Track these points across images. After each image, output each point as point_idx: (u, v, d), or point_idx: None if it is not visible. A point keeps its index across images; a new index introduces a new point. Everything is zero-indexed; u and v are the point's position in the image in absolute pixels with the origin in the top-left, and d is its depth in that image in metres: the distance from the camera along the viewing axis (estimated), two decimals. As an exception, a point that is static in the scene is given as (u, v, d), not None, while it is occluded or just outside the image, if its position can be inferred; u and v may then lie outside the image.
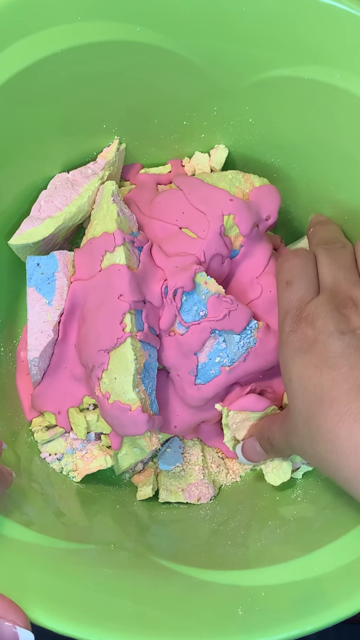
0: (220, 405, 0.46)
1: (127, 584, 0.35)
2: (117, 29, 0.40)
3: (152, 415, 0.44)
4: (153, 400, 0.45)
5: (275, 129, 0.46)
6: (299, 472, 0.46)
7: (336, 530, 0.36)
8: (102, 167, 0.47)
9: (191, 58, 0.41)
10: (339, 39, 0.38)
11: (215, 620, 0.33)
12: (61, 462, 0.47)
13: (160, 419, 0.45)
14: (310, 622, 0.32)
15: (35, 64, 0.40)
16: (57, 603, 0.32)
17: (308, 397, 0.36)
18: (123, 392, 0.43)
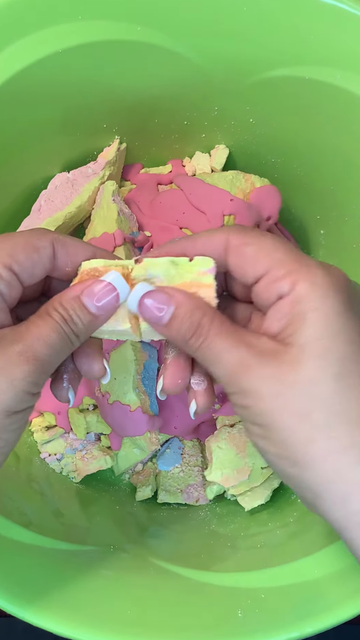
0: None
1: (126, 586, 0.35)
2: (117, 29, 0.40)
3: (152, 416, 0.44)
4: (153, 400, 0.45)
5: (276, 129, 0.45)
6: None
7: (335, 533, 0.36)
8: (103, 167, 0.47)
9: (192, 58, 0.41)
10: (339, 38, 0.38)
11: (215, 622, 0.33)
12: (61, 462, 0.47)
13: (160, 419, 0.45)
14: (310, 625, 0.32)
15: (35, 63, 0.40)
16: (57, 605, 0.32)
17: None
18: (123, 392, 0.43)
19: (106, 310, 0.29)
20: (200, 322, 0.29)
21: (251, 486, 0.44)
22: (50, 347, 0.29)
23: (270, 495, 0.44)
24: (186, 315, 0.29)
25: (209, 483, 0.46)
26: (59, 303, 0.29)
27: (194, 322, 0.29)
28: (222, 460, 0.44)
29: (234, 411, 0.30)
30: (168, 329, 0.29)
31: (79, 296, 0.29)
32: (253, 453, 0.44)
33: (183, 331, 0.29)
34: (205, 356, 0.29)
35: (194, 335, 0.29)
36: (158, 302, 0.29)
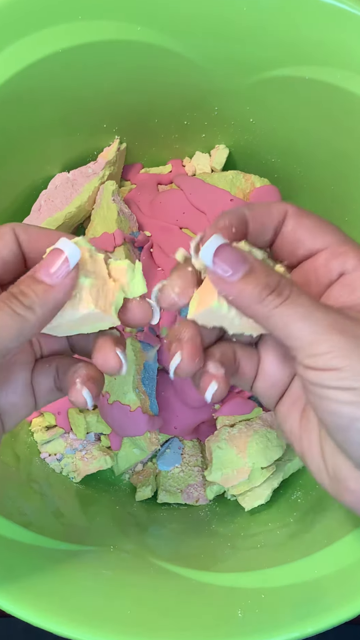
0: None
1: (126, 586, 0.35)
2: (117, 28, 0.39)
3: (152, 416, 0.44)
4: (153, 400, 0.45)
5: (276, 128, 0.45)
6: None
7: (336, 533, 0.36)
8: (103, 167, 0.47)
9: (192, 58, 0.41)
10: (339, 38, 0.38)
11: (215, 622, 0.33)
12: (61, 462, 0.47)
13: (160, 419, 0.45)
14: (310, 625, 0.32)
15: (35, 63, 0.39)
16: (57, 605, 0.32)
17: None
18: (123, 392, 0.43)
19: (59, 277, 0.27)
20: (280, 281, 0.27)
21: (251, 486, 0.44)
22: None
23: (270, 496, 0.44)
24: (263, 273, 0.27)
25: (209, 483, 0.46)
26: (11, 285, 0.28)
27: (274, 280, 0.27)
28: (222, 460, 0.44)
29: (311, 380, 0.27)
30: (243, 284, 0.27)
31: (31, 274, 0.28)
32: (253, 453, 0.44)
33: (261, 286, 0.27)
34: (288, 315, 0.26)
35: (274, 291, 0.27)
36: (233, 258, 0.27)
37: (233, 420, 0.46)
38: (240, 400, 0.46)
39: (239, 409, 0.46)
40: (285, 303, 0.26)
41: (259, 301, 0.27)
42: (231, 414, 0.46)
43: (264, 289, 0.27)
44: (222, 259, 0.27)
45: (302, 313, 0.26)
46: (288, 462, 0.45)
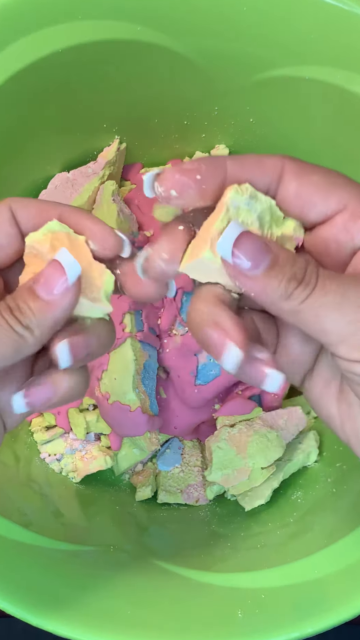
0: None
1: (126, 586, 0.34)
2: (117, 28, 0.39)
3: (152, 416, 0.44)
4: (153, 400, 0.45)
5: (276, 128, 0.45)
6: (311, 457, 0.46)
7: (336, 533, 0.36)
8: (103, 167, 0.47)
9: (192, 57, 0.41)
10: (340, 38, 0.38)
11: (215, 622, 0.33)
12: (61, 462, 0.47)
13: (160, 419, 0.45)
14: (310, 625, 0.32)
15: (35, 62, 0.39)
16: (56, 605, 0.32)
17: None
18: (123, 392, 0.43)
19: (58, 293, 0.25)
20: (307, 268, 0.23)
21: (251, 486, 0.44)
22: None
23: (270, 496, 0.44)
24: (288, 263, 0.23)
25: (209, 483, 0.46)
26: (9, 297, 0.26)
27: (299, 268, 0.23)
28: (222, 460, 0.44)
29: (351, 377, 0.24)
30: (266, 279, 0.23)
31: (30, 286, 0.25)
32: (253, 453, 0.44)
33: (285, 281, 0.23)
34: (319, 305, 0.23)
35: (300, 284, 0.23)
36: (254, 248, 0.23)
37: (233, 420, 0.46)
38: (240, 400, 0.46)
39: (239, 409, 0.46)
40: (313, 294, 0.23)
41: (285, 297, 0.23)
42: (231, 414, 0.46)
43: (290, 282, 0.23)
44: (241, 250, 0.23)
45: (334, 301, 0.23)
46: (288, 462, 0.45)
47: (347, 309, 0.23)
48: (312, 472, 0.45)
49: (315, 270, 0.23)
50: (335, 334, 0.23)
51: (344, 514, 0.38)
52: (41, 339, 0.25)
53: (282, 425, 0.45)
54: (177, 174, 0.24)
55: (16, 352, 0.25)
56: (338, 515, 0.39)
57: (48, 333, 0.25)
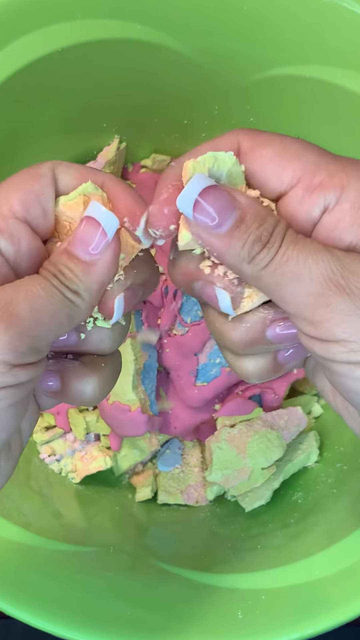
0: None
1: (126, 587, 0.34)
2: (117, 27, 0.39)
3: (152, 416, 0.44)
4: (153, 401, 0.45)
5: (276, 128, 0.45)
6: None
7: (337, 534, 0.35)
8: (102, 166, 0.47)
9: (192, 56, 0.41)
10: (340, 37, 0.38)
11: (215, 623, 0.33)
12: (60, 463, 0.47)
13: (160, 419, 0.45)
14: (311, 626, 0.32)
15: (34, 62, 0.39)
16: (56, 606, 0.32)
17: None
18: (122, 392, 0.43)
19: (99, 252, 0.23)
20: (274, 230, 0.22)
21: (251, 487, 0.44)
22: (34, 302, 0.22)
23: (270, 496, 0.44)
24: (255, 222, 0.22)
25: (209, 484, 0.46)
26: (48, 262, 0.24)
27: (266, 230, 0.22)
28: (223, 460, 0.44)
29: (317, 354, 0.22)
30: (228, 239, 0.22)
31: (66, 248, 0.24)
32: (253, 454, 0.44)
33: (250, 242, 0.22)
34: (279, 273, 0.22)
35: (264, 247, 0.22)
36: (220, 204, 0.22)
37: (233, 420, 0.46)
38: (240, 400, 0.46)
39: (239, 409, 0.45)
40: (274, 260, 0.22)
41: (248, 260, 0.22)
42: (231, 414, 0.45)
43: (254, 244, 0.22)
44: (204, 206, 0.22)
45: (294, 271, 0.21)
46: (288, 462, 0.45)
47: (306, 279, 0.21)
48: (312, 473, 0.45)
49: (282, 233, 0.22)
50: (293, 305, 0.22)
51: (344, 514, 0.38)
52: (91, 303, 0.24)
53: (282, 425, 0.45)
54: (163, 208, 0.24)
55: (70, 320, 0.23)
56: (338, 516, 0.39)
57: (97, 297, 0.24)
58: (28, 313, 0.22)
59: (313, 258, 0.22)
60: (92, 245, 0.23)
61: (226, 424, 0.46)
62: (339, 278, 0.21)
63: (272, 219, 0.22)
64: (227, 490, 0.45)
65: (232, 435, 0.44)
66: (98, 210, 0.23)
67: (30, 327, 0.22)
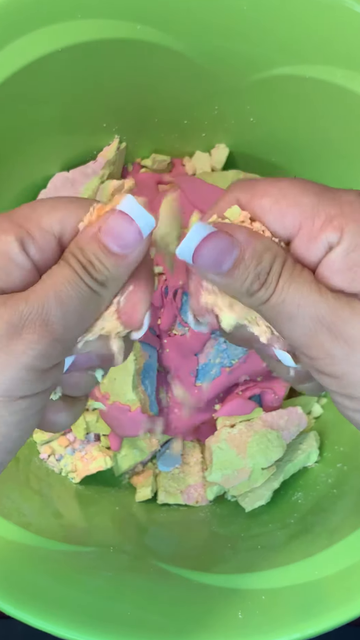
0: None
1: (126, 587, 0.34)
2: (117, 27, 0.39)
3: (152, 416, 0.44)
4: (153, 401, 0.44)
5: (276, 128, 0.45)
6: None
7: (337, 534, 0.35)
8: (102, 166, 0.47)
9: (192, 57, 0.41)
10: (340, 37, 0.38)
11: (215, 623, 0.33)
12: (60, 463, 0.47)
13: (160, 419, 0.45)
14: (311, 626, 0.32)
15: (34, 62, 0.39)
16: (56, 606, 0.32)
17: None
18: (122, 392, 0.43)
19: (131, 247, 0.23)
20: (270, 269, 0.23)
21: (251, 487, 0.44)
22: (65, 304, 0.22)
23: (270, 496, 0.44)
24: (253, 261, 0.23)
25: (209, 484, 0.46)
26: (75, 246, 0.24)
27: (263, 268, 0.23)
28: (223, 460, 0.44)
29: (317, 382, 0.24)
30: (228, 279, 0.23)
31: (96, 234, 0.23)
32: (253, 454, 0.44)
33: (249, 281, 0.23)
34: (276, 311, 0.23)
35: (262, 286, 0.23)
36: (219, 249, 0.23)
37: (233, 420, 0.46)
38: (240, 400, 0.46)
39: (239, 410, 0.45)
40: (271, 299, 0.23)
41: (248, 296, 0.23)
42: (231, 414, 0.45)
43: (252, 283, 0.23)
44: (203, 253, 0.23)
45: (289, 312, 0.23)
46: (288, 462, 0.45)
47: (299, 320, 0.23)
48: (312, 473, 0.45)
49: (279, 270, 0.23)
50: (291, 340, 0.24)
51: (344, 514, 0.38)
52: (114, 293, 0.24)
53: (282, 425, 0.45)
54: (200, 300, 0.25)
55: (95, 313, 0.24)
56: (339, 516, 0.39)
57: (120, 286, 0.24)
58: (60, 318, 0.22)
59: (305, 301, 0.23)
60: (126, 241, 0.23)
61: (226, 424, 0.46)
62: (329, 323, 0.23)
63: (269, 255, 0.23)
64: (227, 490, 0.45)
65: (232, 435, 0.44)
66: (134, 207, 0.23)
67: (63, 332, 0.23)
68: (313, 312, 0.23)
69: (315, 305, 0.23)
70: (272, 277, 0.23)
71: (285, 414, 0.46)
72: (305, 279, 0.23)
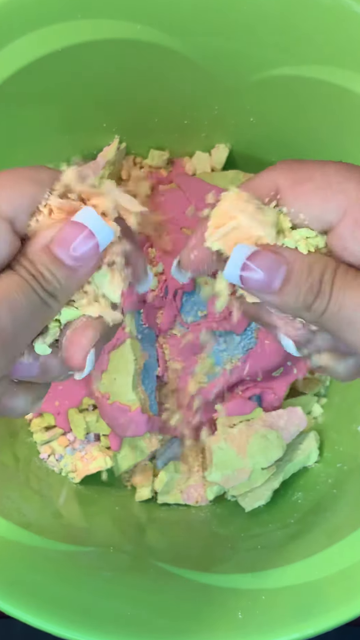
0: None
1: (126, 587, 0.34)
2: (117, 27, 0.39)
3: (152, 416, 0.44)
4: (153, 401, 0.44)
5: (276, 128, 0.45)
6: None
7: (337, 534, 0.35)
8: (102, 166, 0.47)
9: (192, 57, 0.41)
10: (340, 37, 0.38)
11: (215, 623, 0.33)
12: (60, 463, 0.47)
13: (160, 419, 0.45)
14: (311, 626, 0.32)
15: (34, 62, 0.39)
16: (56, 606, 0.32)
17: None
18: (122, 392, 0.43)
19: (86, 260, 0.23)
20: (322, 278, 0.23)
21: (251, 487, 0.44)
22: (15, 311, 0.22)
23: (270, 496, 0.44)
24: (303, 273, 0.23)
25: (209, 484, 0.46)
26: (25, 256, 0.23)
27: (315, 279, 0.23)
28: (223, 460, 0.44)
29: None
30: (282, 296, 0.23)
31: (48, 246, 0.23)
32: (253, 454, 0.44)
33: (303, 295, 0.23)
34: (335, 320, 0.23)
35: (317, 296, 0.22)
36: (266, 265, 0.22)
37: (233, 420, 0.46)
38: (240, 400, 0.46)
39: (239, 410, 0.45)
40: (328, 308, 0.23)
41: (305, 309, 0.23)
42: (231, 415, 0.45)
43: (307, 295, 0.23)
44: (252, 272, 0.23)
45: (348, 317, 0.22)
46: (288, 462, 0.45)
47: (358, 327, 0.22)
48: (312, 473, 0.45)
49: (331, 279, 0.23)
50: (355, 346, 0.23)
51: (344, 514, 0.38)
52: (63, 304, 0.24)
53: (282, 425, 0.45)
54: (191, 254, 0.25)
55: (43, 322, 0.23)
56: (338, 516, 0.39)
57: (69, 297, 0.24)
58: (11, 326, 0.22)
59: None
60: (80, 254, 0.23)
61: (226, 424, 0.46)
62: None
63: (319, 265, 0.23)
64: (227, 490, 0.45)
65: (232, 435, 0.44)
66: (93, 219, 0.23)
67: (13, 340, 0.22)
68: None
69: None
70: (326, 286, 0.23)
71: (285, 414, 0.46)
72: (358, 281, 0.23)
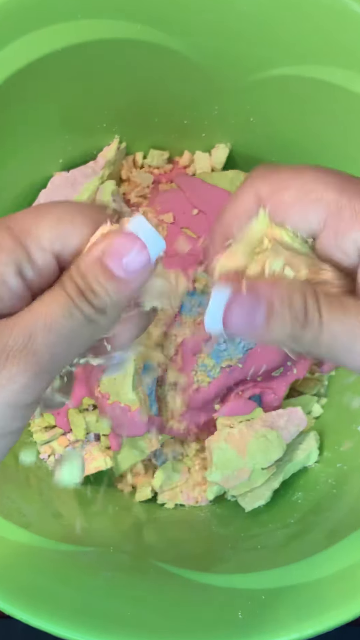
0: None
1: (126, 587, 0.34)
2: (117, 27, 0.39)
3: (152, 416, 0.44)
4: (153, 401, 0.44)
5: (276, 128, 0.45)
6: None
7: (337, 534, 0.35)
8: (102, 166, 0.47)
9: (192, 57, 0.41)
10: (340, 37, 0.38)
11: (215, 623, 0.33)
12: (60, 463, 0.47)
13: (160, 419, 0.45)
14: (311, 626, 0.32)
15: (35, 62, 0.39)
16: (56, 606, 0.32)
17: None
18: (123, 392, 0.43)
19: (138, 272, 0.22)
20: (306, 305, 0.22)
21: (251, 487, 0.44)
22: (54, 334, 0.20)
23: (270, 496, 0.44)
24: (284, 306, 0.22)
25: (209, 484, 0.46)
26: (77, 271, 0.22)
27: (298, 308, 0.22)
28: (223, 460, 0.44)
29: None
30: (269, 332, 0.22)
31: (100, 258, 0.21)
32: (253, 454, 0.44)
33: (289, 327, 0.22)
34: (332, 348, 0.22)
35: (305, 326, 0.22)
36: (246, 309, 0.22)
37: (233, 420, 0.46)
38: (240, 400, 0.46)
39: (239, 410, 0.45)
40: (321, 337, 0.22)
41: (295, 340, 0.22)
42: (231, 415, 0.45)
43: (293, 326, 0.22)
44: (235, 323, 0.22)
45: (343, 345, 0.22)
46: (288, 462, 0.45)
47: (355, 355, 0.22)
48: (312, 473, 0.45)
49: (316, 306, 0.22)
50: (356, 370, 0.23)
51: (344, 514, 0.38)
52: (112, 322, 0.22)
53: (282, 425, 0.45)
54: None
55: (89, 341, 0.22)
56: (338, 516, 0.39)
57: (120, 313, 0.23)
58: (48, 348, 0.20)
59: (355, 328, 0.22)
60: (133, 266, 0.22)
61: (226, 424, 0.46)
62: None
63: (298, 294, 0.22)
64: (227, 490, 0.45)
65: (232, 435, 0.44)
66: (145, 228, 0.22)
67: (50, 363, 0.21)
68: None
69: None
70: (313, 315, 0.22)
71: (285, 414, 0.46)
72: (346, 307, 0.22)
